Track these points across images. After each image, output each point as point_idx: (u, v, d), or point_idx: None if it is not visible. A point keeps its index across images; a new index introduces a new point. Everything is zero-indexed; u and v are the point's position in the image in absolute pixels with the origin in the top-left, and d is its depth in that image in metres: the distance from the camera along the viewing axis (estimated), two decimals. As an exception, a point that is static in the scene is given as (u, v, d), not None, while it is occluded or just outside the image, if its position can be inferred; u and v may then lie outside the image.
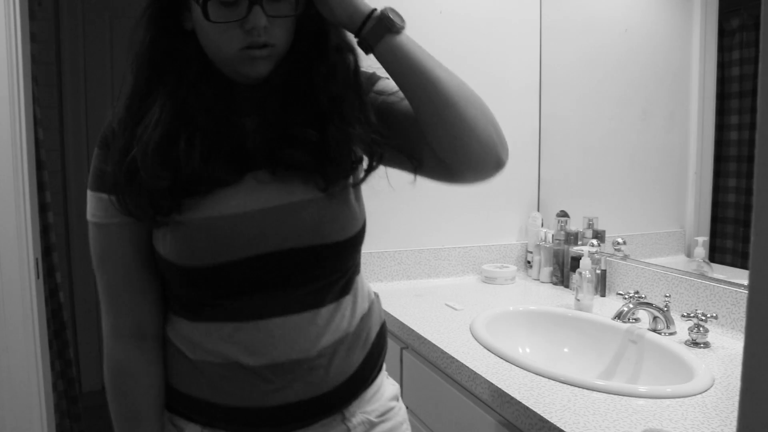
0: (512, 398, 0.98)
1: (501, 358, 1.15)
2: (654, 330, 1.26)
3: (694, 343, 1.20)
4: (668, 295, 1.30)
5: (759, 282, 0.26)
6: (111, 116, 0.76)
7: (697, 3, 1.39)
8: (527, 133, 1.96)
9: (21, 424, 1.63)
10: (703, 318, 1.20)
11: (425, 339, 1.28)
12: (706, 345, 1.19)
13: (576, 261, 1.60)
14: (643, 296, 1.39)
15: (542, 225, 1.89)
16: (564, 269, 1.73)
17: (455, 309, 1.50)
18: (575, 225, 1.76)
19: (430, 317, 1.43)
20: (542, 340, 1.40)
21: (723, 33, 1.33)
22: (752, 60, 1.27)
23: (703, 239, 1.38)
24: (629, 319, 1.30)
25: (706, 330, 1.20)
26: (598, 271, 1.58)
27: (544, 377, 1.05)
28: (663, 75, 1.50)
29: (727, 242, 1.35)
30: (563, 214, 1.79)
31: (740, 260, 1.32)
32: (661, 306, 1.28)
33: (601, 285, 1.59)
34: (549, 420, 0.89)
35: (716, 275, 1.34)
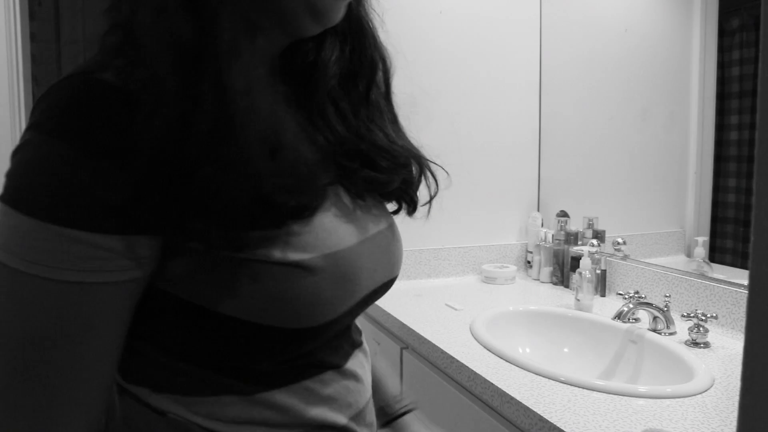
0: (512, 398, 0.98)
1: (501, 358, 1.15)
2: (654, 330, 1.27)
3: (694, 343, 1.20)
4: (668, 295, 1.30)
5: (759, 282, 0.26)
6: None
7: (697, 3, 1.39)
8: (527, 133, 1.96)
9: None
10: (703, 318, 1.20)
11: (425, 339, 1.28)
12: (706, 345, 1.20)
13: (576, 261, 1.61)
14: (643, 296, 1.39)
15: (542, 225, 1.89)
16: (564, 269, 1.73)
17: (455, 309, 1.50)
18: (575, 225, 1.76)
19: (430, 317, 1.43)
20: (542, 340, 1.40)
21: (723, 33, 1.34)
22: (752, 60, 1.27)
23: (703, 239, 1.38)
24: (629, 319, 1.30)
25: (706, 330, 1.20)
26: (598, 271, 1.58)
27: (544, 377, 1.05)
28: (663, 75, 1.50)
29: (727, 242, 1.35)
30: (563, 214, 1.79)
31: (740, 260, 1.32)
32: (661, 306, 1.28)
33: (601, 285, 1.59)
34: (549, 420, 0.89)
35: (716, 275, 1.34)
